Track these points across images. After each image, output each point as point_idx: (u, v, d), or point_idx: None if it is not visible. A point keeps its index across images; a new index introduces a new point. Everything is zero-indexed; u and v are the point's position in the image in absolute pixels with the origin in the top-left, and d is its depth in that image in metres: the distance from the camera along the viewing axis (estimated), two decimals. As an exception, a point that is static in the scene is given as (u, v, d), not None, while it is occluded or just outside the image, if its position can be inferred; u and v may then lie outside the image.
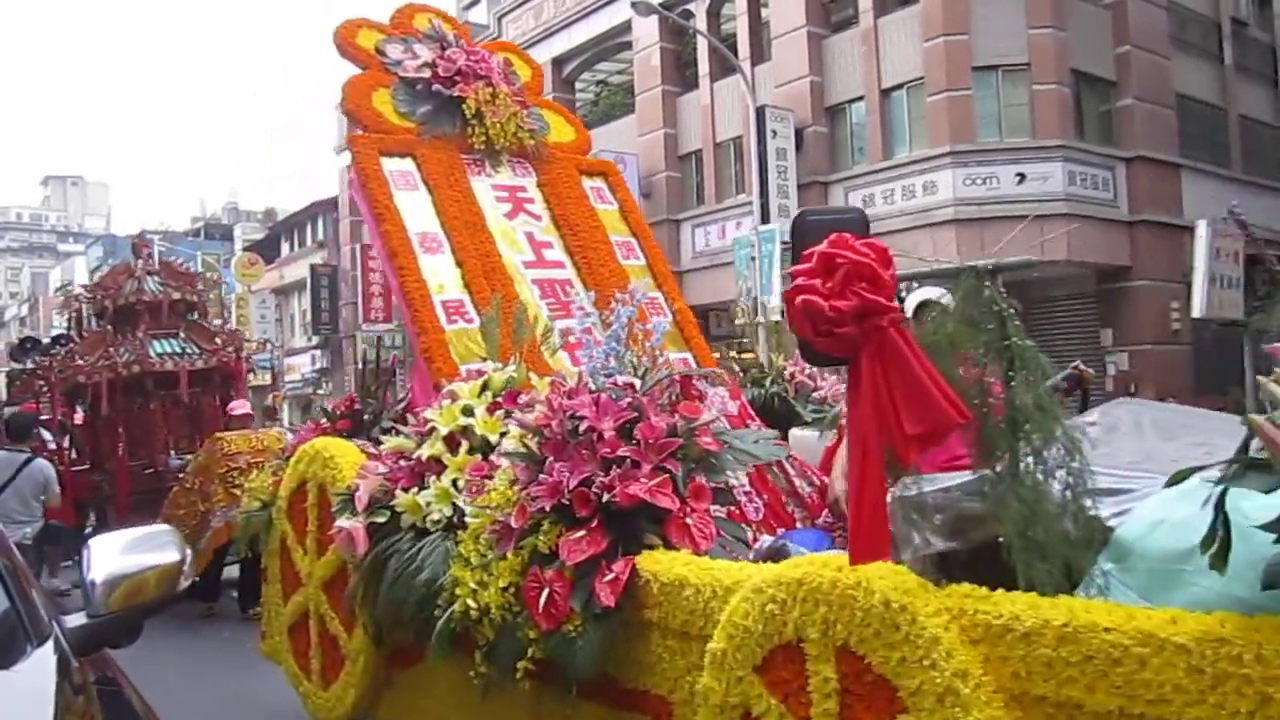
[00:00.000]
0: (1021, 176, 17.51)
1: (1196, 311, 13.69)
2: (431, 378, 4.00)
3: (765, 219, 18.15)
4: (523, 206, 4.74)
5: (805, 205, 19.41)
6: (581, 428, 2.86)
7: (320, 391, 34.47)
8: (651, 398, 2.94)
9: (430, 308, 4.15)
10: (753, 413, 3.87)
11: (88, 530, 9.69)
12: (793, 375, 4.59)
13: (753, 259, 16.96)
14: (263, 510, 4.55)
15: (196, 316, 10.36)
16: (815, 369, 4.20)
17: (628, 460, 2.77)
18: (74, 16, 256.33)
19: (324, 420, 4.68)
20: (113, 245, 50.24)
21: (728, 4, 21.79)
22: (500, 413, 3.46)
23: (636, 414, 2.87)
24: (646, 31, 22.78)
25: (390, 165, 4.51)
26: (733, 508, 3.05)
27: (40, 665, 1.89)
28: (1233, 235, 15.12)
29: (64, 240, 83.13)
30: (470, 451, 3.38)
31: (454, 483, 3.33)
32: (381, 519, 3.47)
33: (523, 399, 3.49)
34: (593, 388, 3.01)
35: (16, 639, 1.97)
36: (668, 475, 2.76)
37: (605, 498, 2.71)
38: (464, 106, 4.68)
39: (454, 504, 3.29)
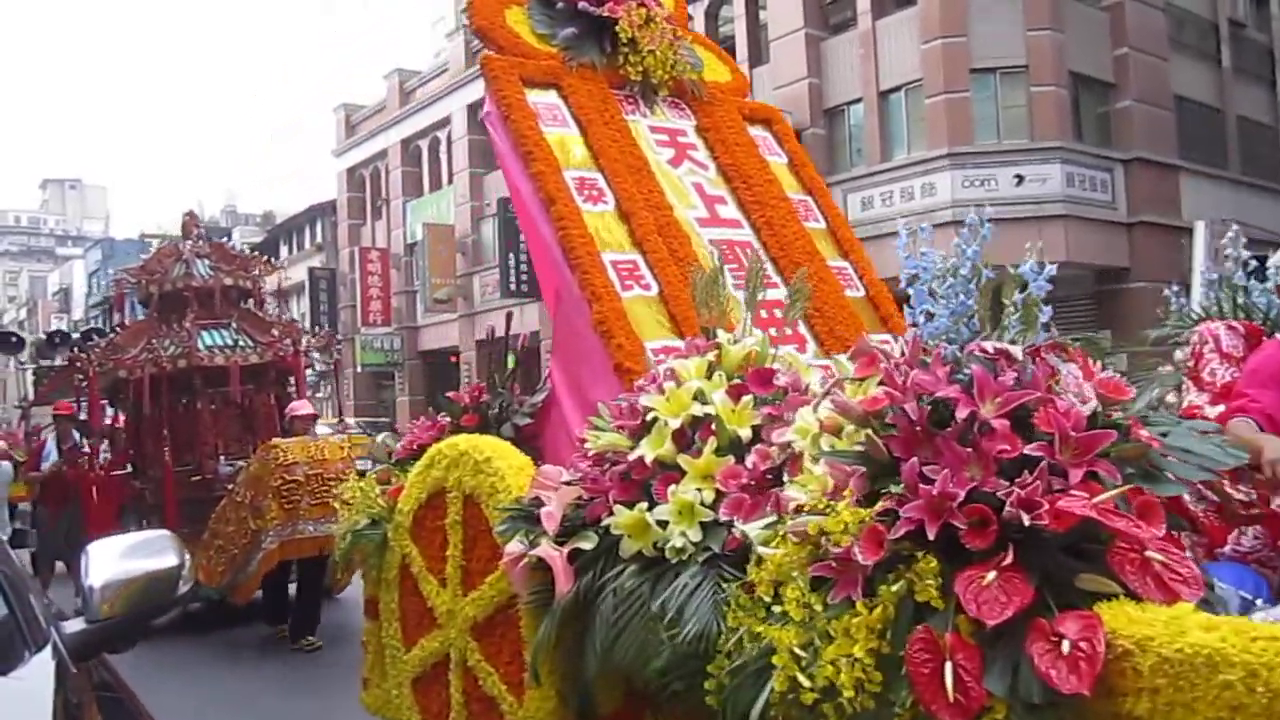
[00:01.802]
0: (1020, 178, 16.86)
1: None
2: (612, 358, 2.90)
3: (767, 219, 17.27)
4: (686, 153, 3.62)
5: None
6: (960, 415, 1.80)
7: (320, 395, 33.07)
8: (1044, 370, 1.88)
9: (601, 269, 3.03)
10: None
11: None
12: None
13: (754, 259, 16.08)
14: (374, 528, 3.41)
15: (251, 305, 8.80)
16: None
17: (1042, 463, 1.71)
18: (73, 19, 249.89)
19: (443, 415, 3.57)
20: (111, 249, 48.30)
21: (725, 6, 20.86)
22: (748, 399, 2.38)
23: (1030, 394, 1.81)
24: (646, 35, 21.79)
25: (533, 97, 3.39)
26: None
27: (38, 671, 1.81)
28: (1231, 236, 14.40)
29: (62, 244, 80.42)
30: (717, 452, 2.30)
31: (699, 495, 2.25)
32: (588, 544, 2.38)
33: (780, 379, 2.42)
34: (947, 358, 1.94)
35: (14, 645, 1.89)
36: (1101, 486, 1.71)
37: (1026, 519, 1.65)
38: (617, 29, 3.58)
39: (702, 524, 2.21)
